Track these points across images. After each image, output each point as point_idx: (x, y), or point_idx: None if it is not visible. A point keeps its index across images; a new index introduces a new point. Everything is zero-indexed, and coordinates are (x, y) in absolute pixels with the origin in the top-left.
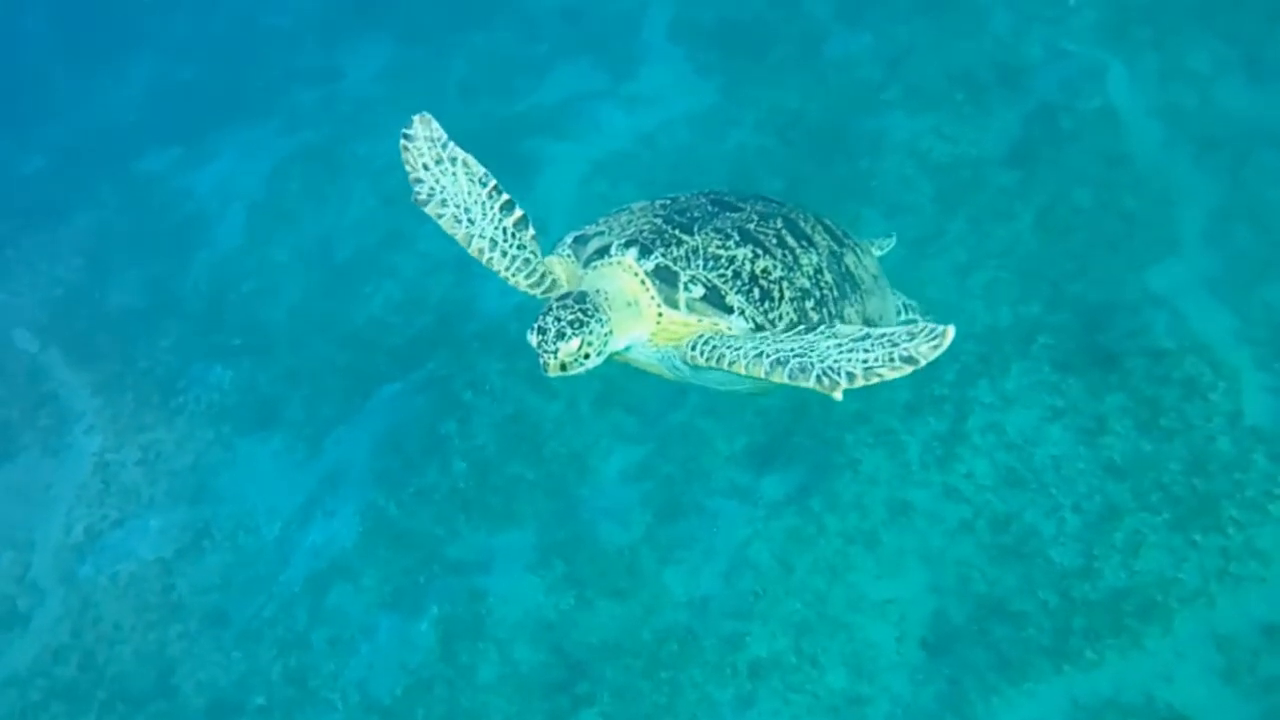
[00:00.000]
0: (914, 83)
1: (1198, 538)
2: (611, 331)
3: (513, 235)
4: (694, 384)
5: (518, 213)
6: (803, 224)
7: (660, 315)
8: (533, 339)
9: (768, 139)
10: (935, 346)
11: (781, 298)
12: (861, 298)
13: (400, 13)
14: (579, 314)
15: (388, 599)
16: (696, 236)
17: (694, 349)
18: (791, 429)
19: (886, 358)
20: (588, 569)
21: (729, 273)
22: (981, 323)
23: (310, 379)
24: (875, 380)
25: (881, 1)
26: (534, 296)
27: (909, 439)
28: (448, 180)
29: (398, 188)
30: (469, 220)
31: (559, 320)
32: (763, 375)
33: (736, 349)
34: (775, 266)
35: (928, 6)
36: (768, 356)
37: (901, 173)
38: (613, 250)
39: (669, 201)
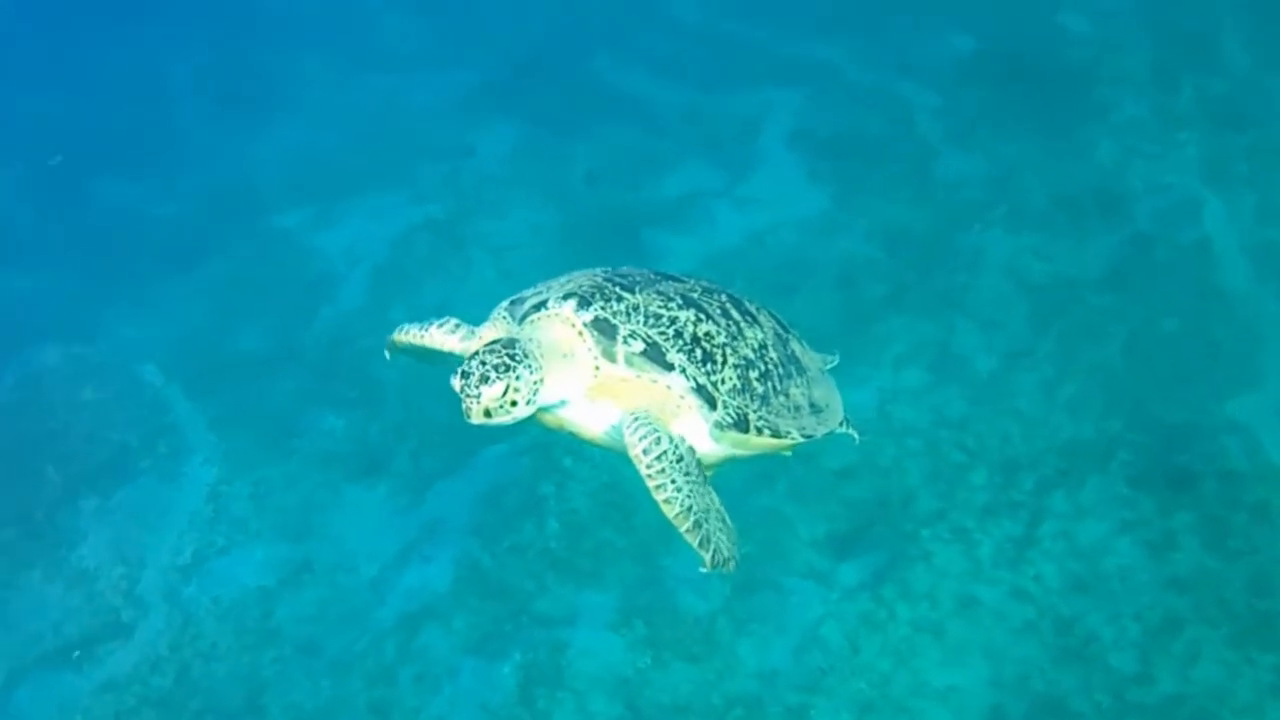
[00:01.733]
0: (1017, 204)
1: (1254, 654)
2: (542, 380)
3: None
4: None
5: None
6: (747, 304)
7: (597, 369)
8: (455, 383)
9: (874, 248)
10: (715, 562)
11: (724, 362)
12: (808, 382)
13: (533, 101)
14: (506, 359)
15: (474, 643)
16: (638, 295)
17: (642, 446)
18: (873, 520)
19: (724, 555)
20: (666, 633)
21: (670, 331)
22: (1064, 436)
23: (418, 434)
24: (722, 568)
25: (991, 125)
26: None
27: (983, 538)
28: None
29: (516, 264)
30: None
31: (484, 364)
32: (676, 521)
33: (675, 484)
34: (719, 332)
35: (1035, 133)
36: (691, 514)
37: (999, 289)
38: (549, 303)
39: (610, 270)
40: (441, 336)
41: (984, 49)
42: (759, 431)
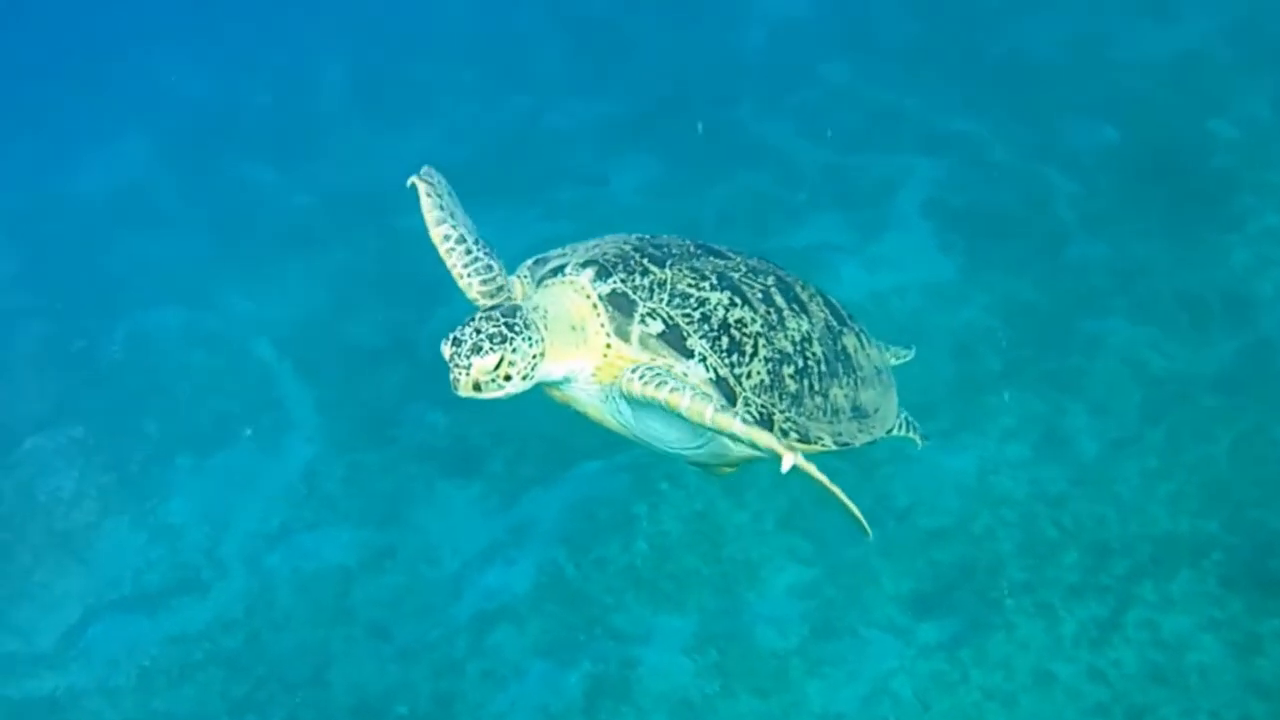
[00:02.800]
0: (1142, 297)
1: None
2: (543, 354)
3: (485, 245)
4: (639, 439)
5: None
6: (799, 289)
7: (608, 347)
8: (445, 350)
9: (994, 321)
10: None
11: (754, 354)
12: (856, 383)
13: (673, 139)
14: (503, 328)
15: (545, 648)
16: (667, 270)
17: (635, 373)
18: (959, 583)
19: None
20: (738, 664)
21: (696, 314)
22: (1161, 528)
23: (518, 440)
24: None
25: (1126, 217)
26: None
27: (1067, 616)
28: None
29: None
30: (451, 214)
31: (479, 332)
32: (708, 420)
33: (681, 386)
34: (754, 320)
35: (1169, 230)
36: (713, 401)
37: (1113, 376)
38: (568, 269)
39: (648, 237)
40: (458, 260)
41: (1129, 142)
42: (784, 434)
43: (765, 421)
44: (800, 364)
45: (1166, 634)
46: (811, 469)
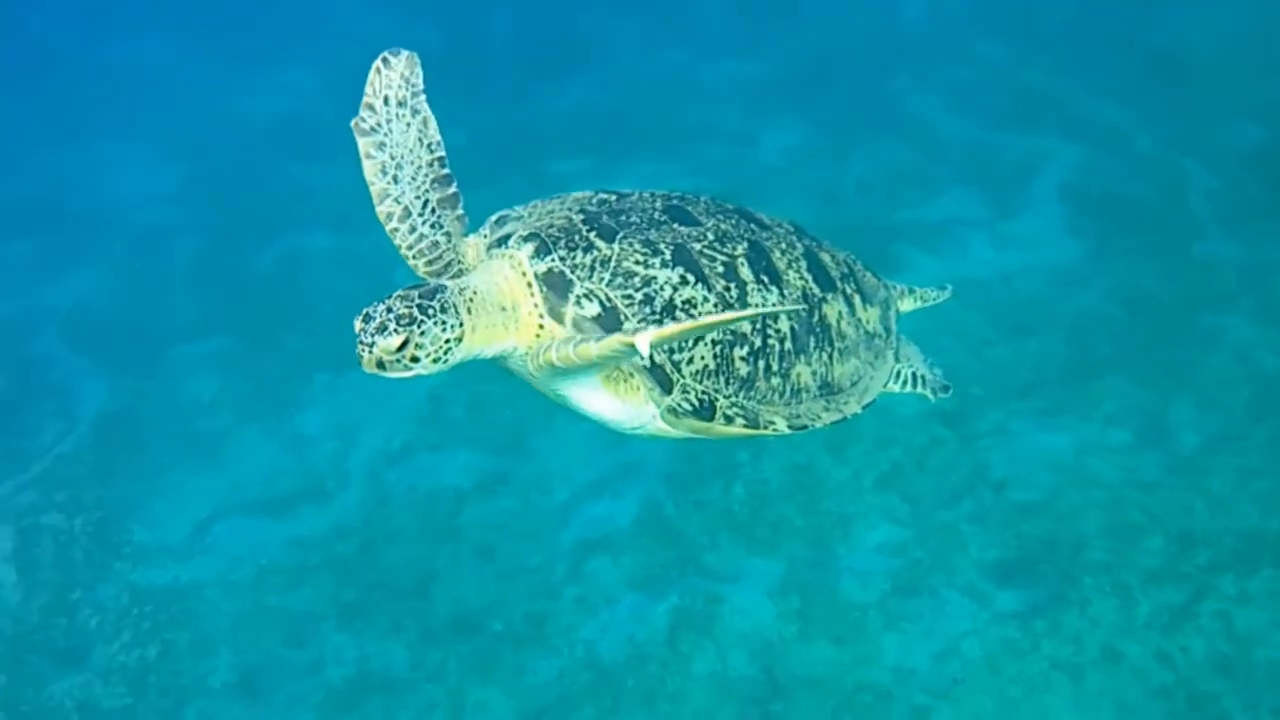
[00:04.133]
0: (1267, 298)
1: None
2: (459, 339)
3: (433, 212)
4: (590, 416)
5: (451, 189)
6: (776, 257)
7: (541, 328)
8: (356, 325)
9: (1114, 308)
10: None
11: (700, 338)
12: (832, 356)
13: (823, 104)
14: (415, 309)
15: (638, 580)
16: (614, 245)
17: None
18: (1041, 557)
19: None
20: (819, 610)
21: (638, 295)
22: (1249, 524)
23: None
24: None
25: (1262, 218)
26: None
27: (1142, 599)
28: (398, 127)
29: None
30: (394, 178)
31: (390, 311)
32: (570, 356)
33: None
34: (705, 299)
35: None
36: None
37: (1224, 372)
38: (510, 241)
39: (615, 198)
40: (401, 241)
41: (1276, 143)
42: (728, 420)
43: (704, 408)
44: (757, 344)
45: (1239, 627)
46: (668, 331)
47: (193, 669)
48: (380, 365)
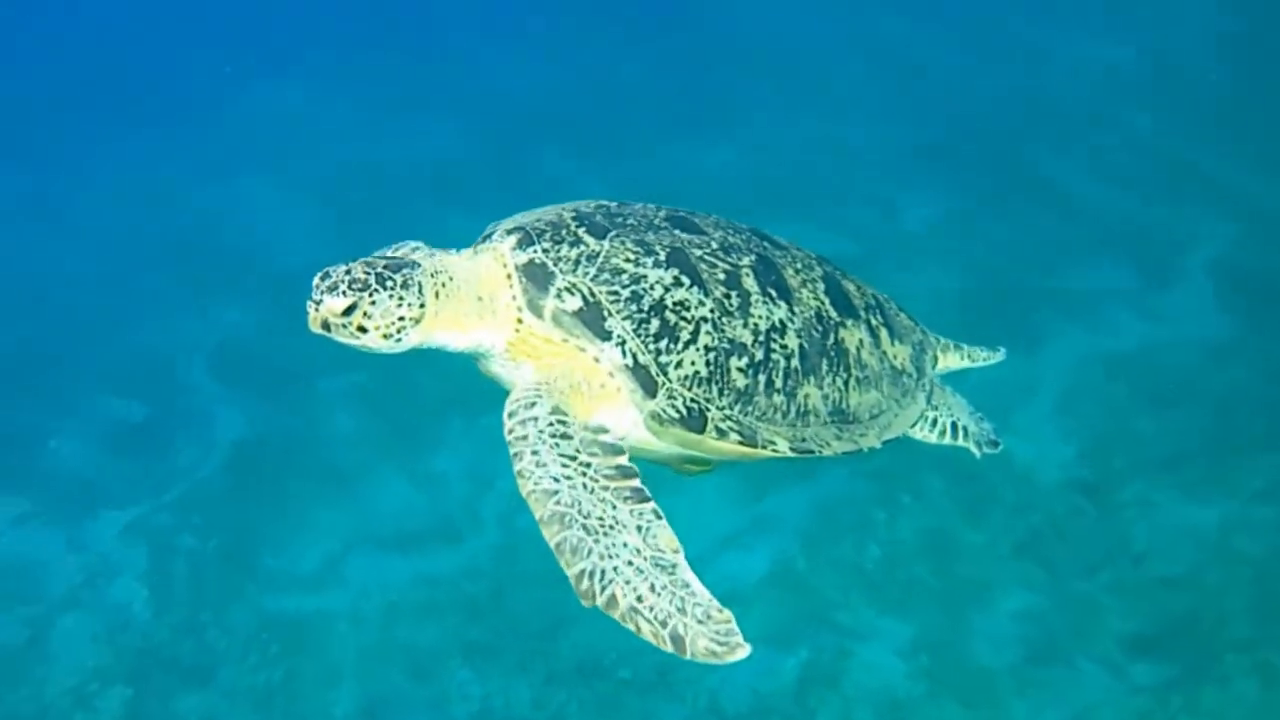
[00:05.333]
0: None
1: None
2: (415, 320)
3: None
4: None
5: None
6: (789, 273)
7: (520, 322)
8: (315, 280)
9: (1264, 385)
10: (714, 651)
11: (691, 342)
12: (848, 384)
13: (963, 171)
14: (372, 277)
15: (766, 632)
16: (604, 242)
17: (510, 408)
18: (1181, 631)
19: (659, 616)
20: (949, 672)
21: (625, 292)
22: None
23: None
24: (631, 627)
25: None
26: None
27: None
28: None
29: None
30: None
31: (348, 273)
32: (530, 506)
33: (537, 456)
34: (701, 303)
35: None
36: (553, 500)
37: None
38: (495, 235)
39: (615, 204)
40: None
41: None
42: (720, 434)
43: (693, 417)
44: (758, 356)
45: None
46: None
47: (317, 696)
48: (326, 327)
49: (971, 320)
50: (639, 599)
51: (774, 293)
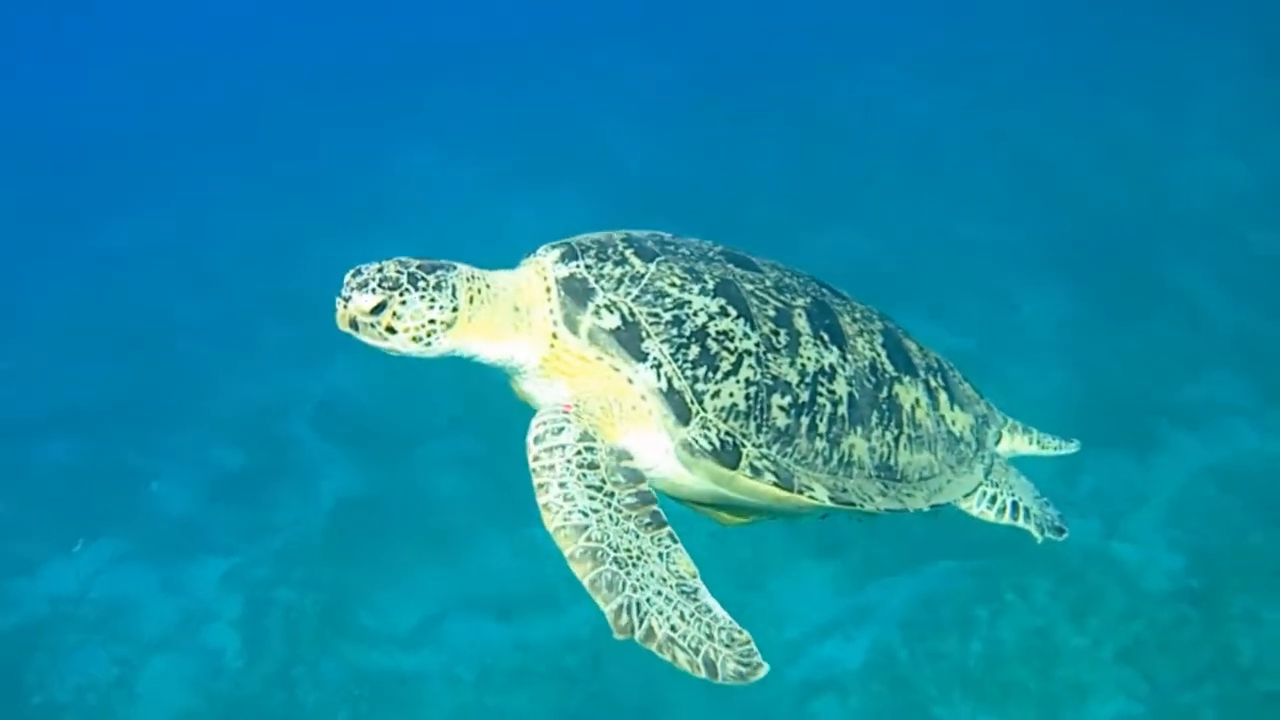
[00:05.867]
0: None
1: None
2: (447, 325)
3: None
4: None
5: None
6: (844, 320)
7: (555, 337)
8: (346, 277)
9: None
10: (740, 673)
11: (731, 374)
12: (898, 440)
13: (1085, 274)
14: (405, 277)
15: None
16: (650, 265)
17: (536, 432)
18: None
19: (693, 644)
20: None
21: (666, 315)
22: None
23: (883, 533)
24: (668, 658)
25: None
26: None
27: None
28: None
29: (1021, 415)
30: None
31: (381, 271)
32: (557, 542)
33: (564, 489)
34: (746, 336)
35: None
36: (584, 536)
37: None
38: (541, 249)
39: (672, 236)
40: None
41: None
42: (755, 472)
43: (727, 451)
44: (803, 397)
45: None
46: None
47: None
48: (354, 325)
49: (1084, 421)
50: (673, 629)
51: (826, 337)
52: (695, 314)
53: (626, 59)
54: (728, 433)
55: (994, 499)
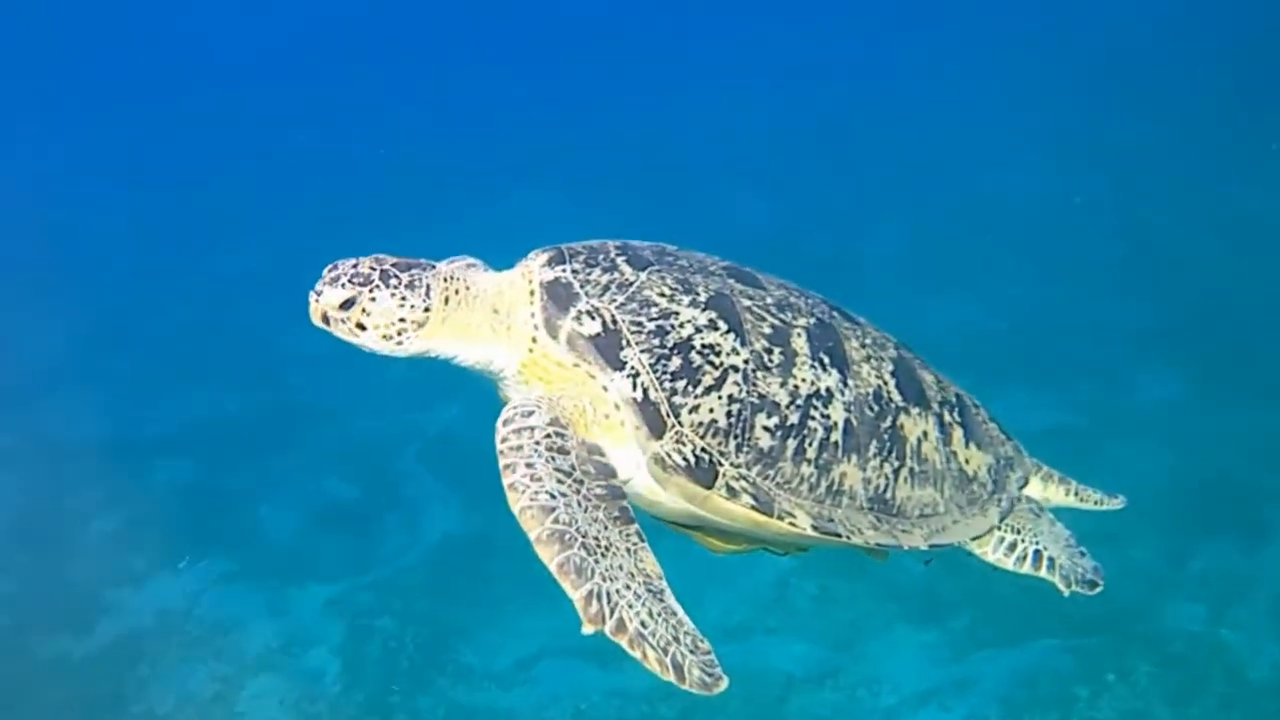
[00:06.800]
0: None
1: None
2: (418, 324)
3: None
4: None
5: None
6: (850, 344)
7: (534, 341)
8: (325, 270)
9: None
10: (704, 682)
11: (713, 389)
12: (898, 474)
13: (1204, 358)
14: (378, 273)
15: None
16: (641, 274)
17: (505, 416)
18: None
19: (661, 643)
20: None
21: (651, 325)
22: None
23: (987, 603)
24: (637, 654)
25: None
26: None
27: None
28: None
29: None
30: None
31: (355, 267)
32: (522, 524)
33: (532, 470)
34: (734, 352)
35: None
36: (551, 518)
37: None
38: (533, 252)
39: (676, 249)
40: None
41: None
42: (731, 493)
43: (701, 468)
44: (791, 419)
45: None
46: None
47: None
48: (325, 319)
49: (1194, 505)
50: (643, 624)
51: (826, 359)
52: (681, 325)
53: (753, 116)
54: (704, 449)
55: (1013, 546)
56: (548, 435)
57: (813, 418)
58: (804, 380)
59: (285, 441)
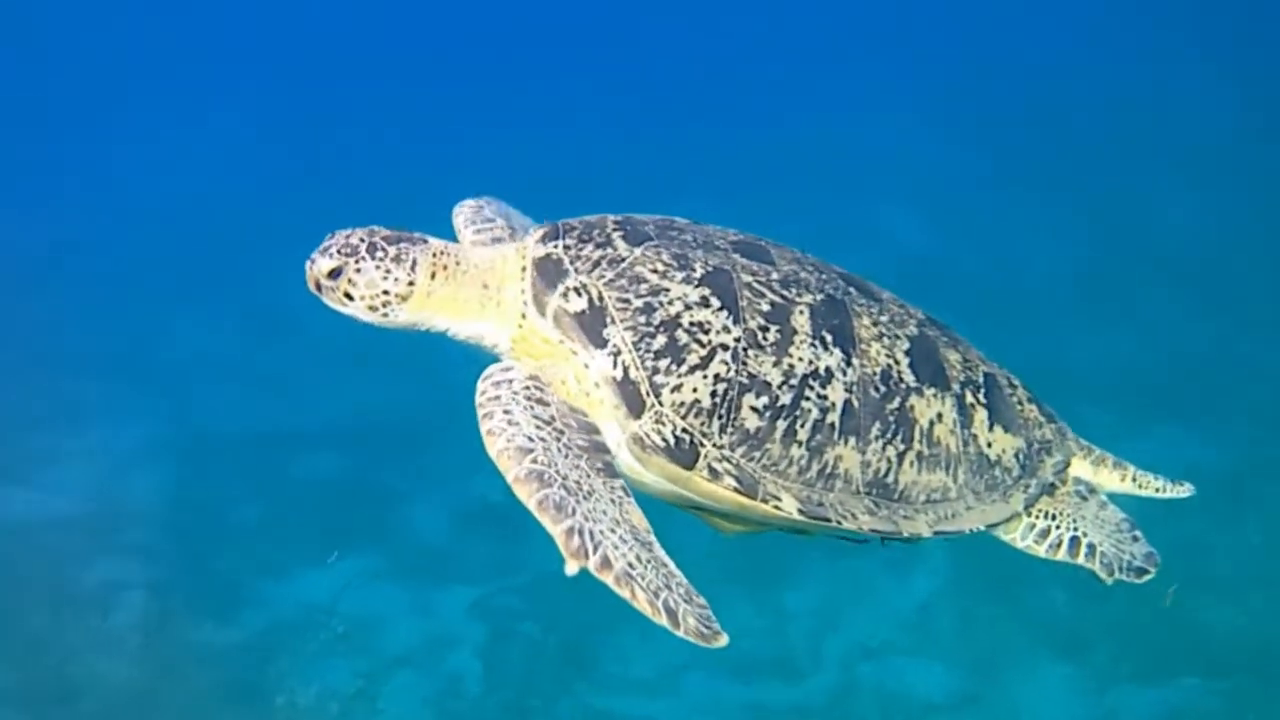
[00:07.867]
0: None
1: None
2: (402, 297)
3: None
4: None
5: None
6: (862, 322)
7: (524, 317)
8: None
9: None
10: (701, 632)
11: (699, 368)
12: (903, 457)
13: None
14: (365, 245)
15: None
16: (636, 249)
17: (485, 373)
18: None
19: (651, 586)
20: None
21: (637, 302)
22: None
23: (1131, 635)
24: (625, 594)
25: None
26: None
27: None
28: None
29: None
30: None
31: (347, 238)
32: (500, 467)
33: (509, 415)
34: (725, 330)
35: None
36: (529, 458)
37: None
38: (532, 228)
39: (686, 222)
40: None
41: None
42: (714, 475)
43: (688, 451)
44: (783, 400)
45: None
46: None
47: None
48: (318, 288)
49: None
50: (630, 565)
51: (829, 338)
52: (670, 302)
53: (913, 137)
54: (684, 429)
55: (1045, 533)
56: (527, 388)
57: (807, 398)
58: (801, 359)
59: (436, 442)
